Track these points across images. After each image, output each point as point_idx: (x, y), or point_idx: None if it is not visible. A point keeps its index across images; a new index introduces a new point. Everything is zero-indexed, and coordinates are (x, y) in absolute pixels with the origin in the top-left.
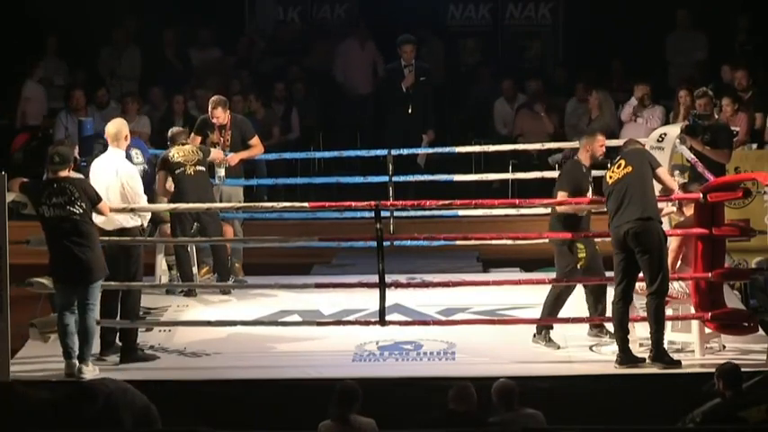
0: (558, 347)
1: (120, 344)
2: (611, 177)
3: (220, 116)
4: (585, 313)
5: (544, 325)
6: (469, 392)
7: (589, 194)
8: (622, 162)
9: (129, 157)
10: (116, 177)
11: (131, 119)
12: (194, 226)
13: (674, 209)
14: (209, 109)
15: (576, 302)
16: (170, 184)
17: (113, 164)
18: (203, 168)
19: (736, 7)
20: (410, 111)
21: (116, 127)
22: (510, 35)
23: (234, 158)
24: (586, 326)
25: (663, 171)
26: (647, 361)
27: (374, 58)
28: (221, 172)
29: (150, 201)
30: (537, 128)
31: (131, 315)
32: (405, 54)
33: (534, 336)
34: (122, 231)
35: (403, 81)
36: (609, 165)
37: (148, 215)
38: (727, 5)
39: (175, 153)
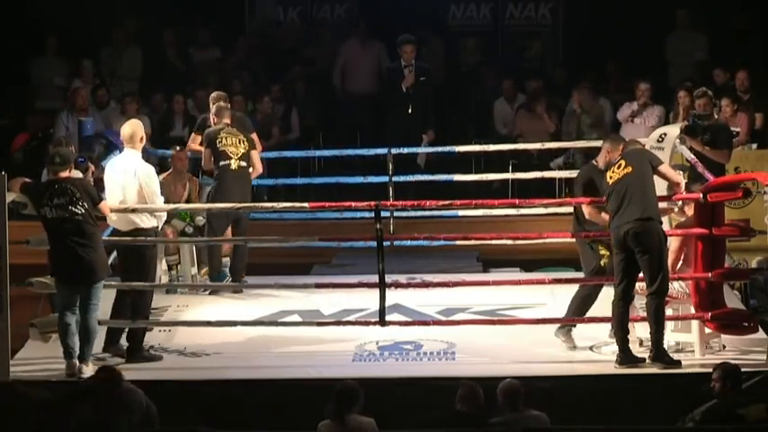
0: (575, 347)
1: (127, 344)
2: (611, 178)
3: None
4: (591, 314)
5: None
6: (477, 393)
7: None
8: (622, 162)
9: None
10: (134, 178)
11: (130, 119)
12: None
13: (677, 208)
14: (211, 107)
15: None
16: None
17: (131, 164)
18: (246, 164)
19: (736, 7)
20: (410, 111)
21: (131, 128)
22: (510, 35)
23: None
24: (586, 326)
25: (665, 167)
26: (647, 361)
27: (378, 57)
28: None
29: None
30: (536, 128)
31: (141, 315)
32: (405, 54)
33: (558, 329)
34: (138, 231)
35: (403, 81)
36: (609, 166)
37: (164, 216)
38: (728, 5)
39: (224, 138)
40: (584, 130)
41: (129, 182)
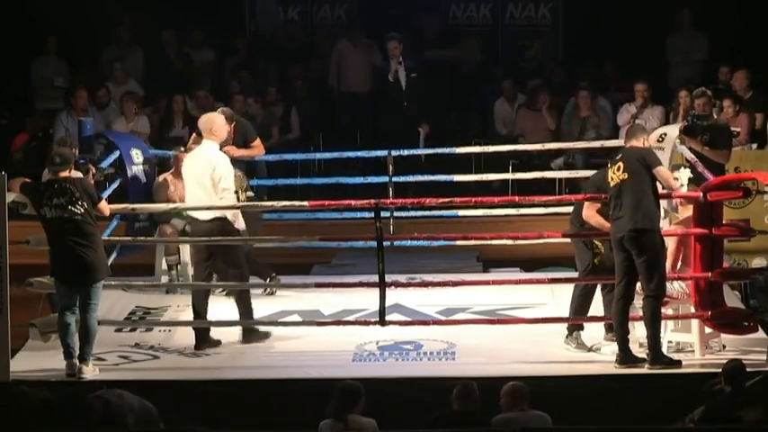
0: (589, 349)
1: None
2: (611, 179)
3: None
4: (591, 314)
5: (575, 326)
6: (473, 391)
7: None
8: (620, 164)
9: (129, 156)
10: (208, 166)
11: (129, 119)
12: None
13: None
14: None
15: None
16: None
17: (205, 154)
18: (252, 194)
19: (736, 7)
20: (405, 106)
21: (207, 119)
22: (510, 35)
23: (233, 151)
24: (585, 326)
25: (661, 170)
26: (646, 366)
27: (371, 56)
28: None
29: (150, 202)
30: (537, 126)
31: (247, 311)
32: (390, 50)
33: (566, 338)
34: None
35: (390, 73)
36: (609, 163)
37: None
38: (728, 6)
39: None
40: (590, 129)
41: (203, 170)
